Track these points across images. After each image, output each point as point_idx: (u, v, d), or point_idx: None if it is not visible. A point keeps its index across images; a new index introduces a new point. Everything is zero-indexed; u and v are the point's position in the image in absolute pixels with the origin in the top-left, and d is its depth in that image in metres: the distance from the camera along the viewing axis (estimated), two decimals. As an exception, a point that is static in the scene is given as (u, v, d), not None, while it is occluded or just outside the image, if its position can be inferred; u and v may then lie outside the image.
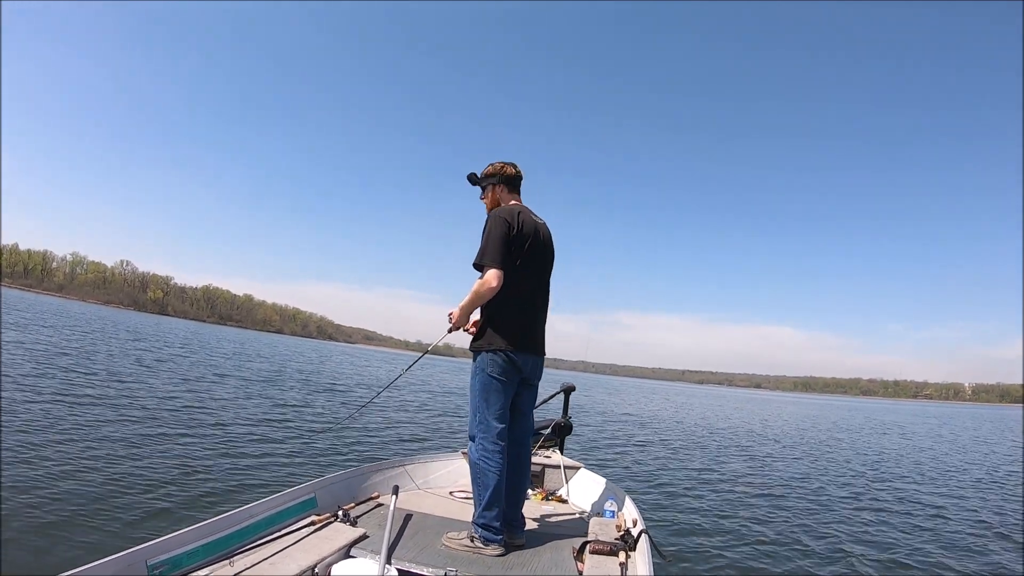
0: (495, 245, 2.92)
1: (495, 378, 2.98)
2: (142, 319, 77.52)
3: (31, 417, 6.79)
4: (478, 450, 2.97)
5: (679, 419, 20.99)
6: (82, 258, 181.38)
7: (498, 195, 3.21)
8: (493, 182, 3.21)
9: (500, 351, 2.96)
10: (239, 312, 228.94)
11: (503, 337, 2.98)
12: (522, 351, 3.02)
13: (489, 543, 2.87)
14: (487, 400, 2.98)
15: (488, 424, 2.97)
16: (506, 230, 2.95)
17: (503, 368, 2.97)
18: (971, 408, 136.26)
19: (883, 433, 22.53)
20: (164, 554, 2.24)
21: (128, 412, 8.14)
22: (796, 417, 31.19)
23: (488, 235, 2.96)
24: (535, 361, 3.14)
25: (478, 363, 3.02)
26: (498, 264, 2.90)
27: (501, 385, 2.99)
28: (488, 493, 2.90)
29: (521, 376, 3.07)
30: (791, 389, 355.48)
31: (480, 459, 2.95)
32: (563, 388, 4.89)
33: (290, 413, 10.52)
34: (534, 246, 3.04)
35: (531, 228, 3.04)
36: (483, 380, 3.00)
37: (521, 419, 3.20)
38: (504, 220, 2.97)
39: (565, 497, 4.13)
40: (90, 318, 44.58)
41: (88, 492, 4.55)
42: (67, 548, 3.54)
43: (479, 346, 3.03)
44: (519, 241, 2.98)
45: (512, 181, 3.22)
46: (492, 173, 3.21)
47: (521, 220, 3.00)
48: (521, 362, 3.02)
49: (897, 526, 6.52)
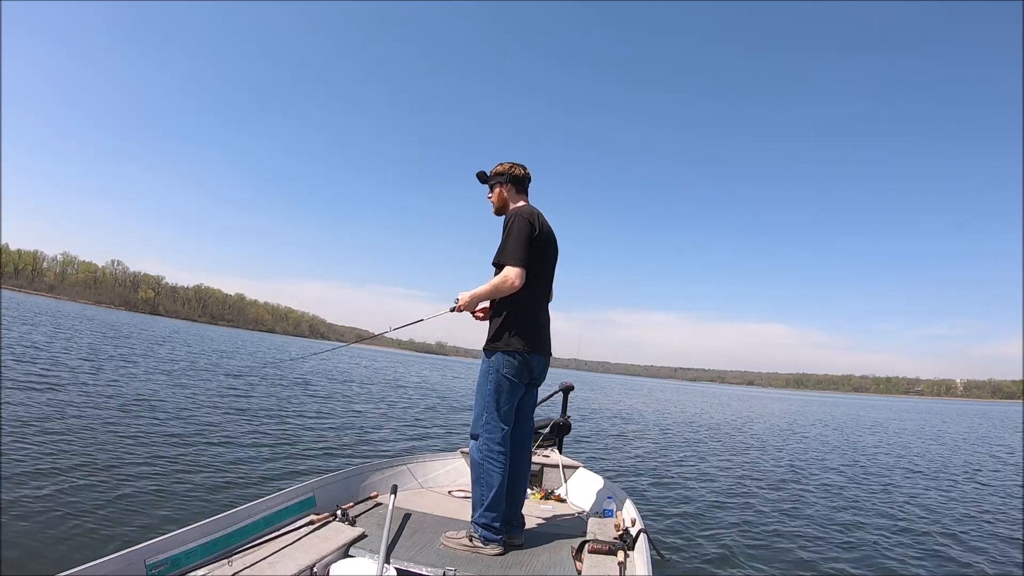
0: (520, 245, 2.93)
1: (508, 379, 2.98)
2: (132, 319, 77.09)
3: (27, 415, 6.75)
4: (482, 450, 2.97)
5: (675, 418, 21.04)
6: (73, 258, 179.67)
7: (505, 194, 3.22)
8: (501, 181, 3.23)
9: (517, 352, 2.97)
10: (231, 311, 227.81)
11: (521, 338, 2.98)
12: (535, 352, 3.04)
13: (489, 543, 2.87)
14: (498, 400, 2.98)
15: (495, 424, 2.97)
16: (530, 231, 2.98)
17: (517, 370, 2.98)
18: (965, 404, 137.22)
19: (882, 429, 22.65)
20: (163, 553, 2.23)
21: (125, 410, 8.10)
22: (792, 414, 31.35)
23: (512, 235, 2.97)
24: (545, 362, 3.16)
25: (492, 363, 3.01)
26: (522, 264, 2.92)
27: (512, 387, 3.00)
28: (491, 494, 2.90)
29: (531, 377, 3.10)
30: (783, 386, 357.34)
31: (484, 459, 2.95)
32: (562, 387, 4.89)
33: (289, 412, 10.46)
34: (548, 249, 3.09)
35: (548, 231, 3.10)
36: (496, 380, 2.99)
37: (523, 420, 3.21)
38: (528, 222, 2.99)
39: (564, 496, 4.13)
40: (79, 317, 44.27)
41: (86, 491, 4.53)
42: (65, 548, 3.53)
43: (496, 347, 3.01)
44: (539, 243, 3.01)
45: (520, 182, 3.24)
46: (501, 172, 3.23)
47: (541, 223, 3.05)
48: (533, 363, 3.04)
49: (899, 526, 6.52)
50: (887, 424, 26.83)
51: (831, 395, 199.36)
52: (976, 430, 26.06)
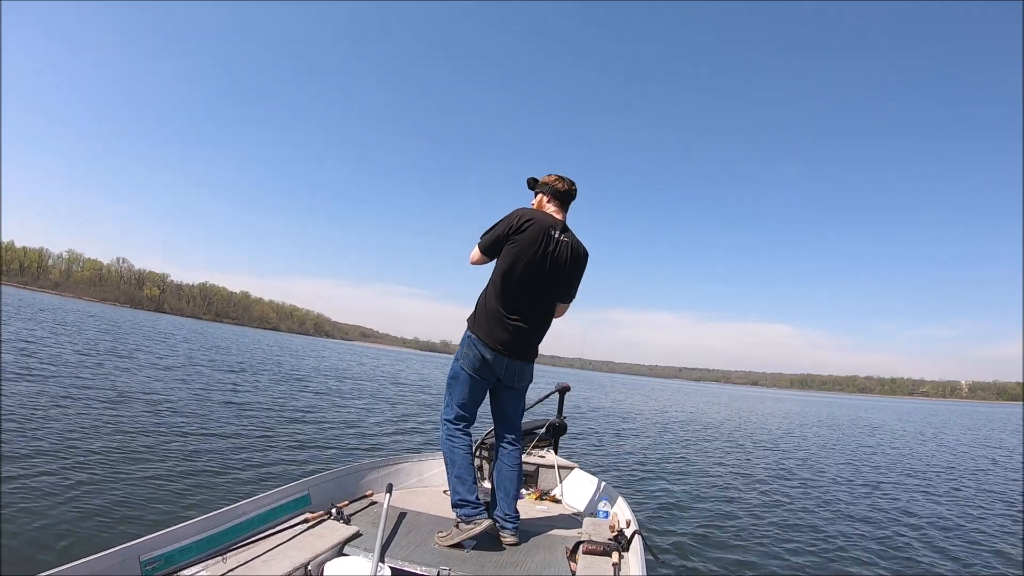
0: (489, 231, 3.11)
1: (465, 371, 3.09)
2: (136, 316, 77.33)
3: (24, 413, 6.79)
4: (442, 429, 3.16)
5: (675, 418, 20.99)
6: (78, 255, 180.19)
7: (542, 203, 3.26)
8: (543, 191, 3.26)
9: (476, 342, 3.05)
10: (236, 309, 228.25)
11: (481, 328, 3.07)
12: (495, 350, 3.04)
13: (471, 519, 2.90)
14: (452, 389, 3.15)
15: (451, 409, 3.15)
16: (503, 224, 3.06)
17: (474, 365, 3.07)
18: (970, 406, 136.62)
19: (885, 431, 22.59)
20: (157, 550, 2.23)
21: (121, 408, 8.13)
22: (795, 415, 31.28)
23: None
24: (516, 366, 3.14)
25: (460, 345, 3.16)
26: (479, 246, 3.14)
27: (471, 381, 3.10)
28: (456, 468, 3.03)
29: (496, 378, 3.13)
30: (788, 387, 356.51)
31: (446, 438, 3.12)
32: (558, 388, 4.87)
33: (285, 409, 10.51)
34: (529, 251, 3.03)
35: (532, 233, 3.03)
36: (454, 369, 3.15)
37: (503, 419, 3.26)
38: (508, 216, 3.08)
39: (559, 497, 4.12)
40: (82, 315, 44.43)
41: (80, 488, 4.54)
42: (59, 544, 3.53)
43: (468, 321, 3.16)
44: (515, 241, 3.02)
45: (560, 195, 3.24)
46: (546, 183, 3.26)
47: (522, 222, 3.03)
48: (494, 362, 3.06)
49: (900, 528, 6.51)
50: (890, 426, 26.75)
51: (835, 396, 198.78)
52: (979, 431, 25.99)
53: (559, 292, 3.22)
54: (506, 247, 3.03)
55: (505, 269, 3.02)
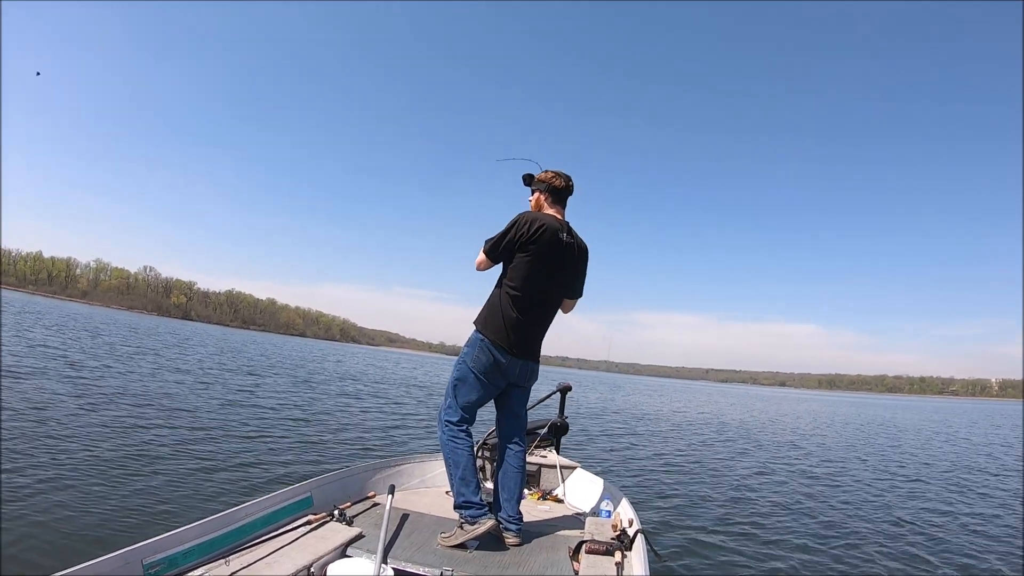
0: (493, 237, 3.08)
1: (474, 373, 3.07)
2: (163, 323, 78.65)
3: (24, 415, 6.90)
4: (445, 430, 3.10)
5: (691, 419, 20.71)
6: (105, 264, 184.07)
7: (541, 202, 3.26)
8: (540, 188, 3.26)
9: (489, 345, 3.03)
10: (262, 316, 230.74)
11: (494, 330, 3.04)
12: (511, 354, 3.05)
13: (475, 520, 2.89)
14: (457, 391, 3.12)
15: (454, 411, 3.11)
16: (508, 230, 3.05)
17: (485, 367, 3.04)
18: (1002, 404, 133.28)
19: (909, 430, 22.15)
20: (160, 553, 2.24)
21: (122, 410, 8.25)
22: (816, 415, 30.73)
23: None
24: (529, 367, 3.17)
25: (467, 347, 3.12)
26: (485, 252, 3.09)
27: (479, 384, 3.08)
28: (460, 470, 3.01)
29: (507, 381, 3.14)
30: (816, 387, 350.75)
31: (448, 440, 3.08)
32: (559, 388, 4.86)
33: (292, 411, 10.59)
34: (544, 256, 3.04)
35: (546, 238, 3.04)
36: (462, 371, 3.10)
37: (512, 419, 3.25)
38: (514, 222, 3.06)
39: (561, 497, 4.11)
40: (106, 322, 45.19)
41: (83, 490, 4.58)
42: (62, 547, 3.55)
43: (476, 323, 3.13)
44: (523, 245, 3.02)
45: (556, 192, 3.24)
46: (542, 180, 3.26)
47: (533, 228, 3.02)
48: (507, 365, 3.06)
49: (903, 529, 6.35)
50: (916, 425, 26.20)
51: (864, 396, 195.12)
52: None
53: (568, 290, 3.26)
54: (519, 256, 3.03)
55: (524, 277, 3.03)
